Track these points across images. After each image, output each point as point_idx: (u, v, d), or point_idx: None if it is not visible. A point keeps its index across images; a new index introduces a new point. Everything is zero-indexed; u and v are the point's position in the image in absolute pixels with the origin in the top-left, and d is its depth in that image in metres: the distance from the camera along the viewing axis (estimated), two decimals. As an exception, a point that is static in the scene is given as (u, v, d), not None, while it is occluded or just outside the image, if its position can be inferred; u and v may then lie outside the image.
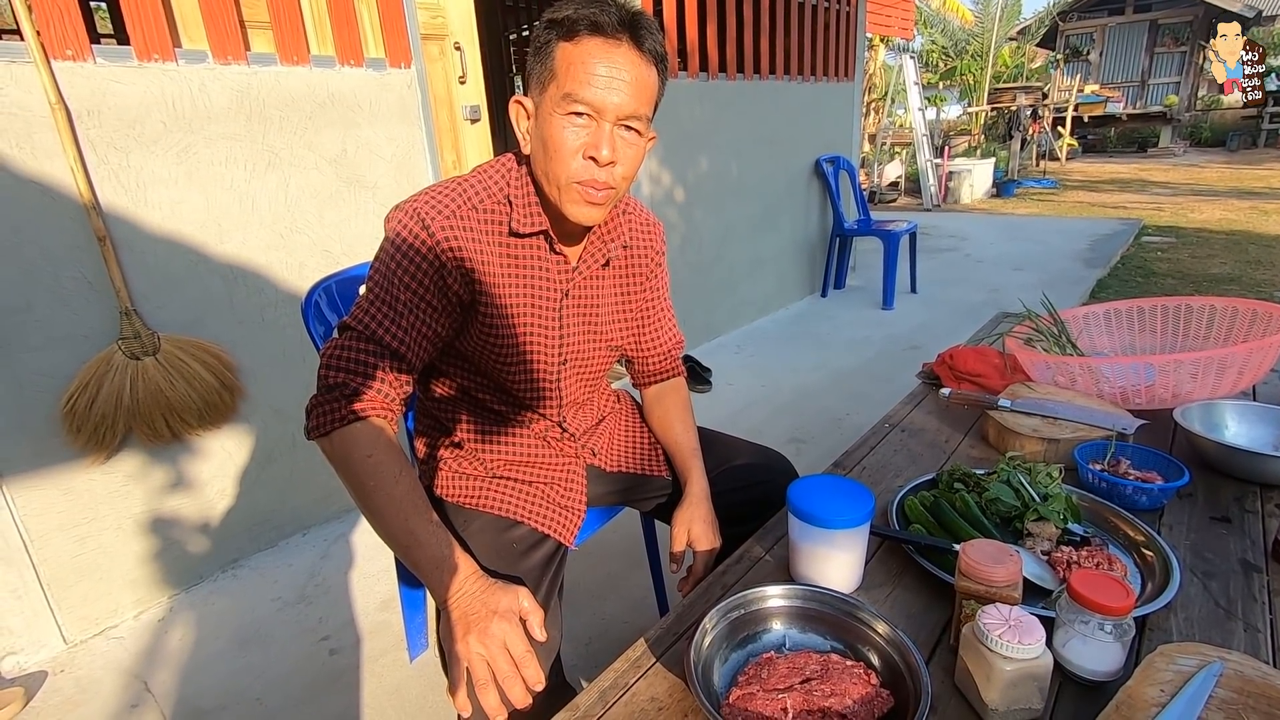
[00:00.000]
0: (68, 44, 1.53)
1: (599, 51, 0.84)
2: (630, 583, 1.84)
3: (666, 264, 1.18)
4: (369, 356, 0.88)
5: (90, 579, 1.72)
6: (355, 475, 0.84)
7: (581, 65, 0.84)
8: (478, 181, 0.95)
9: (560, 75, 0.85)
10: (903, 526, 0.96)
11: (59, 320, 1.60)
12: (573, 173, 0.88)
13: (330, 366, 0.88)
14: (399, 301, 0.90)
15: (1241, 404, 1.17)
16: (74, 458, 1.65)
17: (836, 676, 0.69)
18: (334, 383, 0.87)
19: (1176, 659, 0.65)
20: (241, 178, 1.85)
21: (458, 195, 0.92)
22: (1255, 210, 7.16)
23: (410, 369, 0.92)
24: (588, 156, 0.88)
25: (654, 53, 0.88)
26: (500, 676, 0.76)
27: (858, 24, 4.67)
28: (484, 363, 1.02)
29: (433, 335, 0.93)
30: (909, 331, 3.87)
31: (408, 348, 0.90)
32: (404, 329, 0.90)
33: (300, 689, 1.55)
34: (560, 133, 0.87)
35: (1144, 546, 0.88)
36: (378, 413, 0.88)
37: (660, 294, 1.18)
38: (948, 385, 1.42)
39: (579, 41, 0.84)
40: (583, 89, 0.85)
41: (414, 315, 0.90)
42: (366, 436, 0.85)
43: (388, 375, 0.89)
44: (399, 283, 0.89)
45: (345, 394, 0.86)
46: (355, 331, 0.89)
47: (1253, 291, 4.29)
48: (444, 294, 0.92)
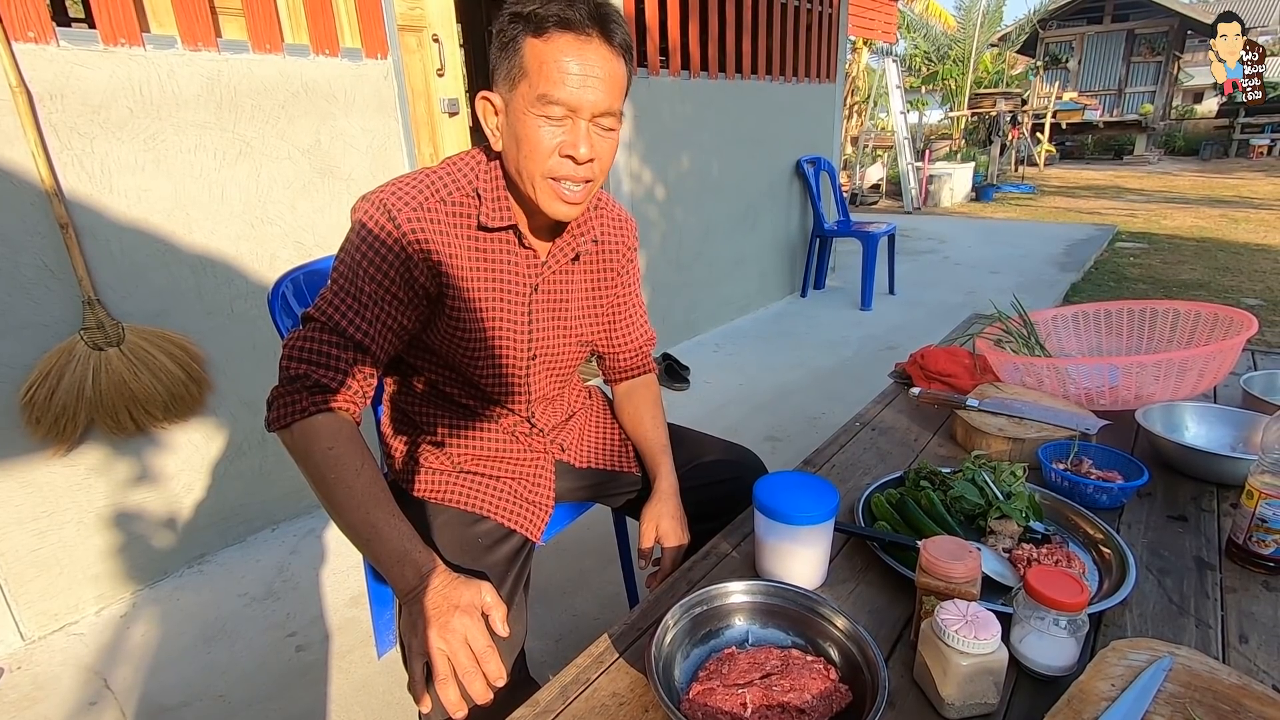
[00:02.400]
0: (29, 25, 1.49)
1: (570, 49, 0.83)
2: (601, 579, 1.83)
3: (639, 259, 1.17)
4: (332, 348, 0.87)
5: (50, 574, 1.68)
6: (316, 468, 0.83)
7: (554, 63, 0.83)
8: (446, 174, 0.94)
9: (532, 73, 0.84)
10: (869, 523, 0.96)
11: (18, 309, 1.55)
12: (549, 169, 0.88)
13: (292, 358, 0.87)
14: (363, 293, 0.88)
15: (1201, 406, 1.19)
16: (33, 450, 1.61)
17: (796, 672, 0.69)
18: (296, 374, 0.86)
19: (1128, 654, 0.66)
20: (211, 166, 1.82)
21: (425, 187, 0.91)
22: (1225, 218, 7.33)
23: (374, 361, 0.91)
24: (565, 155, 0.87)
25: (624, 45, 0.88)
26: (460, 672, 0.75)
27: (840, 26, 4.70)
28: (452, 357, 1.01)
29: (398, 328, 0.92)
30: (886, 332, 3.90)
31: (372, 340, 0.89)
32: (368, 321, 0.89)
33: (265, 685, 1.53)
34: (536, 131, 0.86)
35: (1102, 544, 0.89)
36: (340, 405, 0.87)
37: (632, 289, 1.17)
38: (919, 384, 1.43)
39: (549, 38, 0.83)
40: (557, 88, 0.83)
41: (378, 307, 0.89)
42: (328, 429, 0.84)
43: (351, 367, 0.88)
44: (364, 274, 0.88)
45: (307, 385, 0.85)
46: (318, 323, 0.88)
47: (1220, 297, 4.38)
48: (410, 286, 0.91)
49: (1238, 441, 1.13)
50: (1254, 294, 4.43)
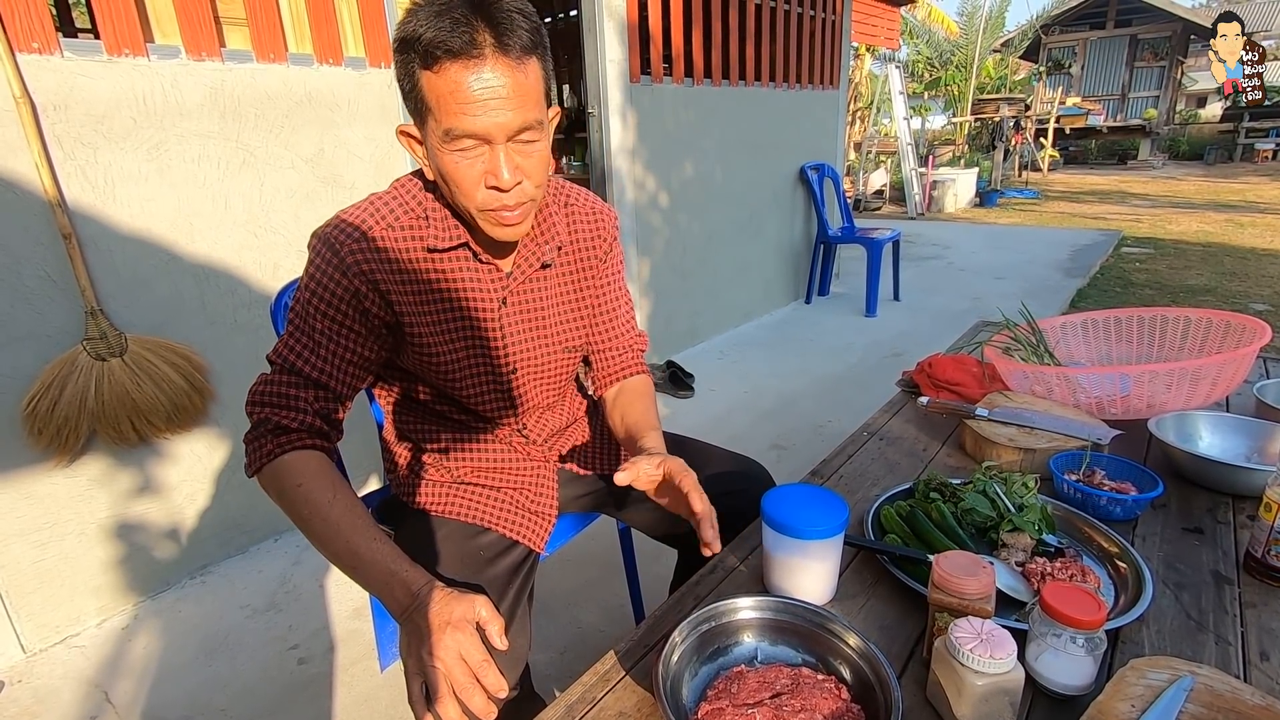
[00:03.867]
0: (34, 36, 1.50)
1: (464, 76, 0.76)
2: (607, 591, 1.82)
3: (621, 251, 1.11)
4: (290, 389, 0.87)
5: (51, 586, 1.67)
6: (291, 505, 0.84)
7: (452, 96, 0.77)
8: (393, 198, 0.92)
9: (434, 109, 0.79)
10: (878, 536, 0.95)
11: (20, 319, 1.55)
12: (480, 203, 0.84)
13: (254, 403, 0.88)
14: (316, 331, 0.88)
15: (1215, 415, 1.17)
16: (35, 461, 1.61)
17: (807, 691, 0.67)
18: (259, 419, 0.87)
19: (1147, 673, 0.65)
20: (215, 176, 1.81)
21: (370, 215, 0.89)
22: (1231, 223, 7.29)
23: (336, 397, 0.90)
24: (490, 186, 0.83)
25: (524, 46, 0.78)
26: (458, 688, 0.74)
27: (843, 33, 4.70)
28: (429, 378, 1.00)
29: (359, 360, 0.92)
30: (891, 339, 3.89)
31: (330, 376, 0.89)
32: (323, 359, 0.89)
33: (268, 699, 1.51)
34: (455, 168, 0.82)
35: (1118, 558, 0.87)
36: (304, 442, 0.86)
37: (614, 281, 1.10)
38: (926, 393, 1.42)
39: (440, 70, 0.76)
40: (461, 121, 0.78)
41: (334, 344, 0.89)
42: (294, 467, 0.84)
43: (312, 405, 0.88)
44: (315, 312, 0.88)
45: (269, 429, 0.86)
46: (277, 365, 0.89)
47: (1228, 302, 4.35)
48: (364, 318, 0.90)
49: (1253, 451, 1.11)
50: (1262, 299, 4.40)
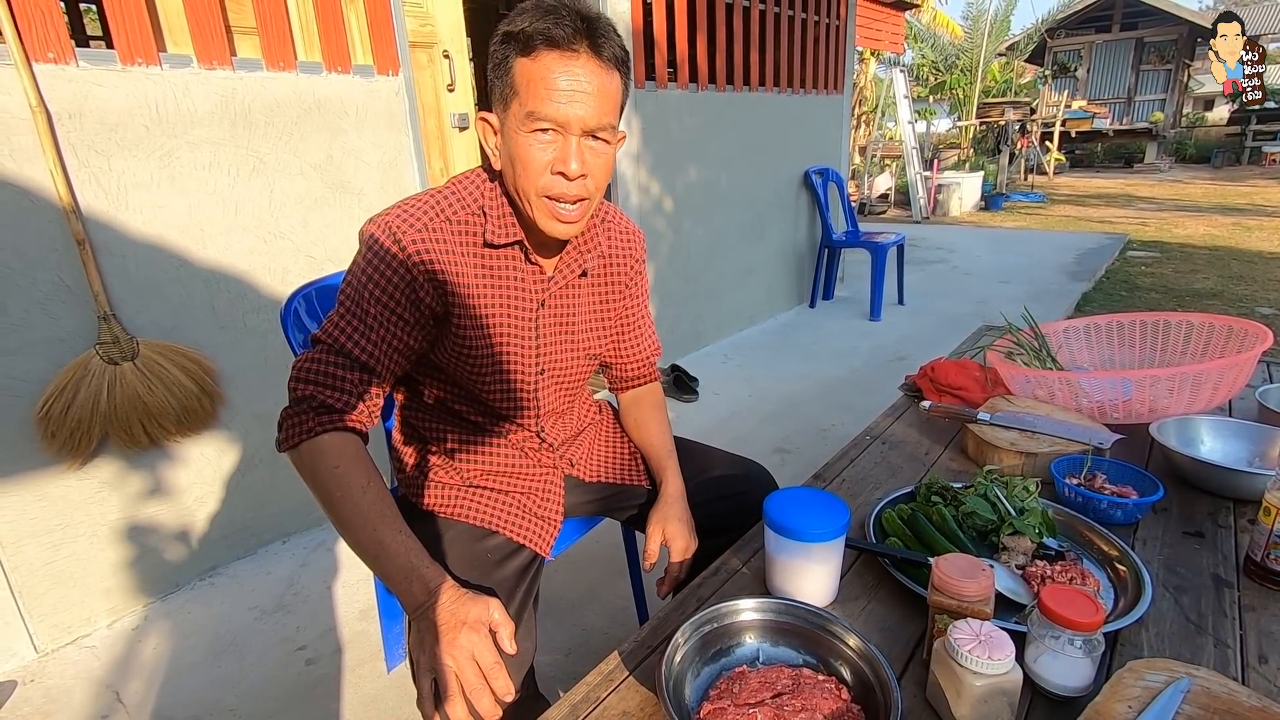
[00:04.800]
0: (49, 46, 1.52)
1: (558, 65, 0.83)
2: (611, 593, 1.83)
3: (647, 271, 1.18)
4: (337, 369, 0.88)
5: (63, 586, 1.69)
6: (323, 486, 0.84)
7: (541, 81, 0.83)
8: (452, 193, 0.95)
9: (521, 92, 0.84)
10: (880, 539, 0.96)
11: (35, 324, 1.58)
12: (541, 187, 0.88)
13: (299, 379, 0.88)
14: (369, 315, 0.90)
15: (1217, 419, 1.18)
16: (49, 463, 1.63)
17: (808, 691, 0.68)
18: (302, 395, 0.87)
19: (1145, 675, 0.65)
20: (225, 182, 1.84)
21: (431, 208, 0.92)
22: (1238, 226, 7.27)
23: (380, 382, 0.92)
24: (556, 172, 0.87)
25: (614, 58, 0.87)
26: (468, 688, 0.75)
27: (848, 38, 4.72)
28: (459, 374, 1.01)
29: (404, 349, 0.93)
30: (895, 342, 3.89)
31: (377, 361, 0.90)
32: (373, 343, 0.90)
33: (275, 699, 1.53)
34: (527, 150, 0.86)
35: (1118, 561, 0.88)
36: (345, 425, 0.88)
37: (640, 301, 1.18)
38: (929, 398, 1.42)
39: (537, 56, 0.83)
40: (545, 105, 0.84)
41: (384, 329, 0.90)
42: (333, 448, 0.85)
43: (356, 388, 0.89)
44: (370, 296, 0.90)
45: (313, 406, 0.87)
46: (325, 345, 0.90)
47: (1234, 306, 4.34)
48: (416, 307, 0.92)
49: (1254, 456, 1.12)
50: (1269, 303, 4.39)
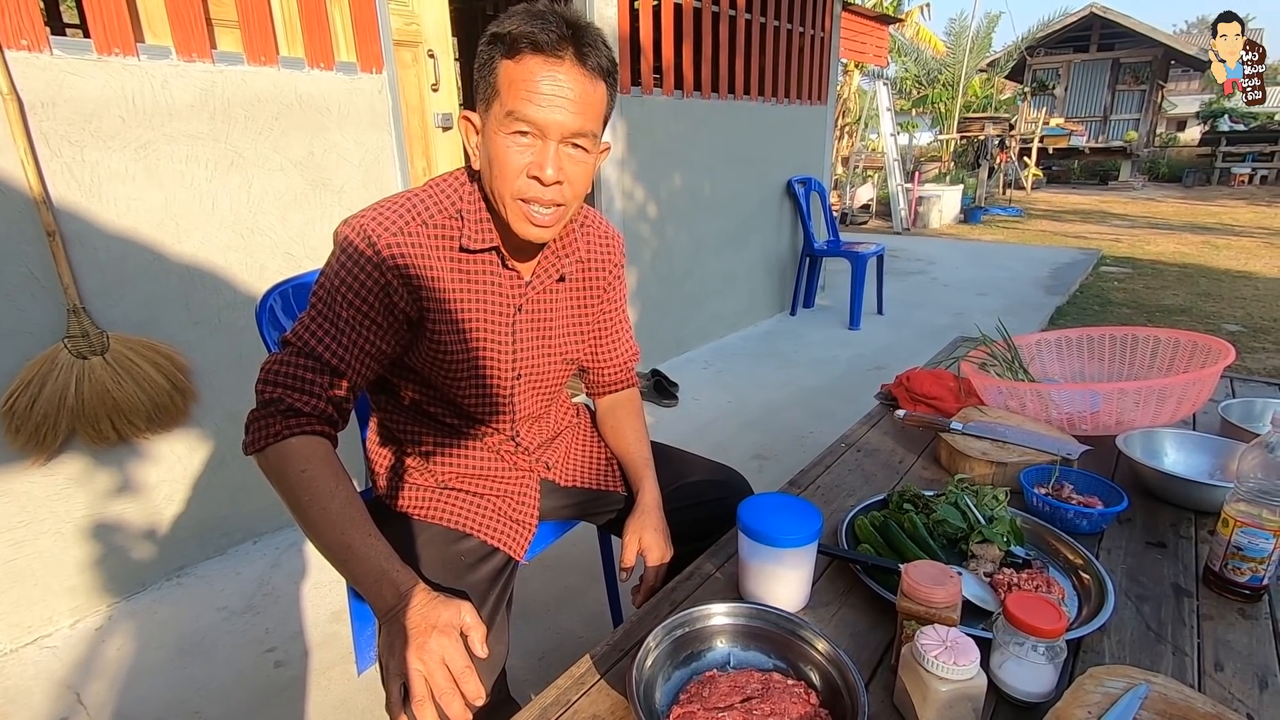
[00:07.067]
0: (23, 33, 1.49)
1: (541, 69, 0.83)
2: (586, 597, 1.82)
3: (626, 276, 1.18)
4: (306, 372, 0.87)
5: (24, 585, 1.65)
6: (290, 490, 0.84)
7: (524, 83, 0.83)
8: (429, 196, 0.94)
9: (503, 92, 0.84)
10: (852, 546, 0.97)
11: (2, 316, 1.54)
12: (516, 190, 0.87)
13: (267, 381, 0.87)
14: (340, 318, 0.89)
15: (1181, 433, 1.21)
16: (12, 459, 1.59)
17: (777, 695, 0.69)
18: (270, 398, 0.86)
19: (1105, 681, 0.67)
20: (203, 176, 1.81)
21: (407, 210, 0.91)
22: (1207, 245, 7.45)
23: (351, 386, 0.91)
24: (531, 176, 0.87)
25: (599, 68, 0.86)
26: (437, 692, 0.75)
27: (832, 50, 4.77)
28: (434, 378, 1.00)
29: (376, 353, 0.92)
30: (874, 352, 3.93)
31: (347, 364, 0.89)
32: (344, 346, 0.89)
33: (242, 701, 1.50)
34: (505, 151, 0.86)
35: (1082, 570, 0.90)
36: (313, 428, 0.87)
37: (618, 306, 1.18)
38: (904, 407, 1.44)
39: (521, 59, 0.83)
40: (525, 107, 0.83)
41: (356, 332, 0.89)
42: (300, 452, 0.84)
43: (325, 391, 0.88)
44: (342, 299, 0.88)
45: (280, 410, 0.85)
46: (294, 347, 0.89)
47: (1202, 322, 4.44)
48: (389, 311, 0.91)
49: (1215, 469, 1.15)
50: (1234, 320, 4.50)
